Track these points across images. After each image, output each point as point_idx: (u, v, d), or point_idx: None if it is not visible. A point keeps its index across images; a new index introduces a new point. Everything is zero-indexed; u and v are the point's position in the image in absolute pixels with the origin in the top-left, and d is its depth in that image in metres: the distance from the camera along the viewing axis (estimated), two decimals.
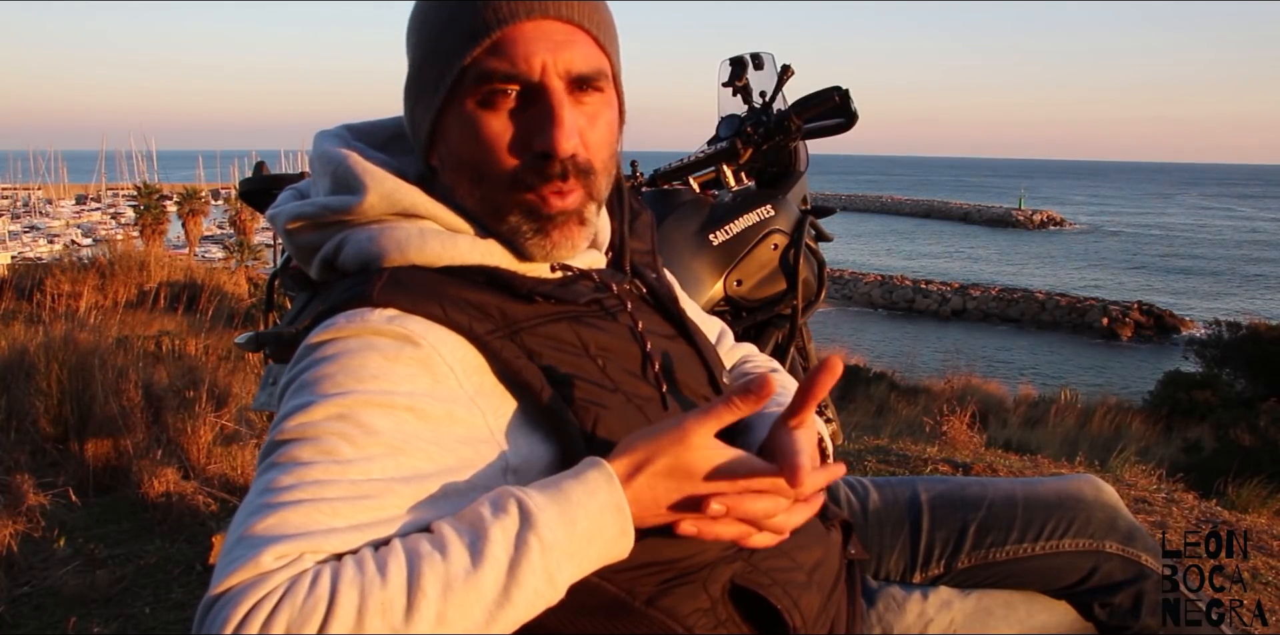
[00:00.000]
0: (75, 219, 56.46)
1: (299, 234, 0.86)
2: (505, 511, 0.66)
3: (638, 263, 0.98)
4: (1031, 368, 21.92)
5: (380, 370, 0.72)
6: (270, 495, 0.65)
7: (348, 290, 0.79)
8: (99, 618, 2.14)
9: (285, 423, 0.69)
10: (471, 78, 0.80)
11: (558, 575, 0.66)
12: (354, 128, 0.94)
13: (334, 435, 0.68)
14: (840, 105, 1.84)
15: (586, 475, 0.70)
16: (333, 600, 0.59)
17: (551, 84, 0.80)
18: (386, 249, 0.81)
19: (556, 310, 0.83)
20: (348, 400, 0.70)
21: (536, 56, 0.79)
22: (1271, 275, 39.68)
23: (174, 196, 40.39)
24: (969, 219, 64.67)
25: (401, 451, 0.69)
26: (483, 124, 0.81)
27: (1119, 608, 1.05)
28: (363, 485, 0.66)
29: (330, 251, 0.84)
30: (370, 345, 0.74)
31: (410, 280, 0.79)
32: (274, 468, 0.67)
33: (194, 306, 6.17)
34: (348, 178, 0.84)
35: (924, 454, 3.73)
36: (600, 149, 0.84)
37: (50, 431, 3.10)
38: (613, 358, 0.83)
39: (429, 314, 0.77)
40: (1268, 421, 6.78)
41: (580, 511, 0.68)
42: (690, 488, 0.71)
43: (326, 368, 0.73)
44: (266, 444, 0.70)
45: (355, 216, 0.83)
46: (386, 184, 0.83)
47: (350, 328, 0.75)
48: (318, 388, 0.71)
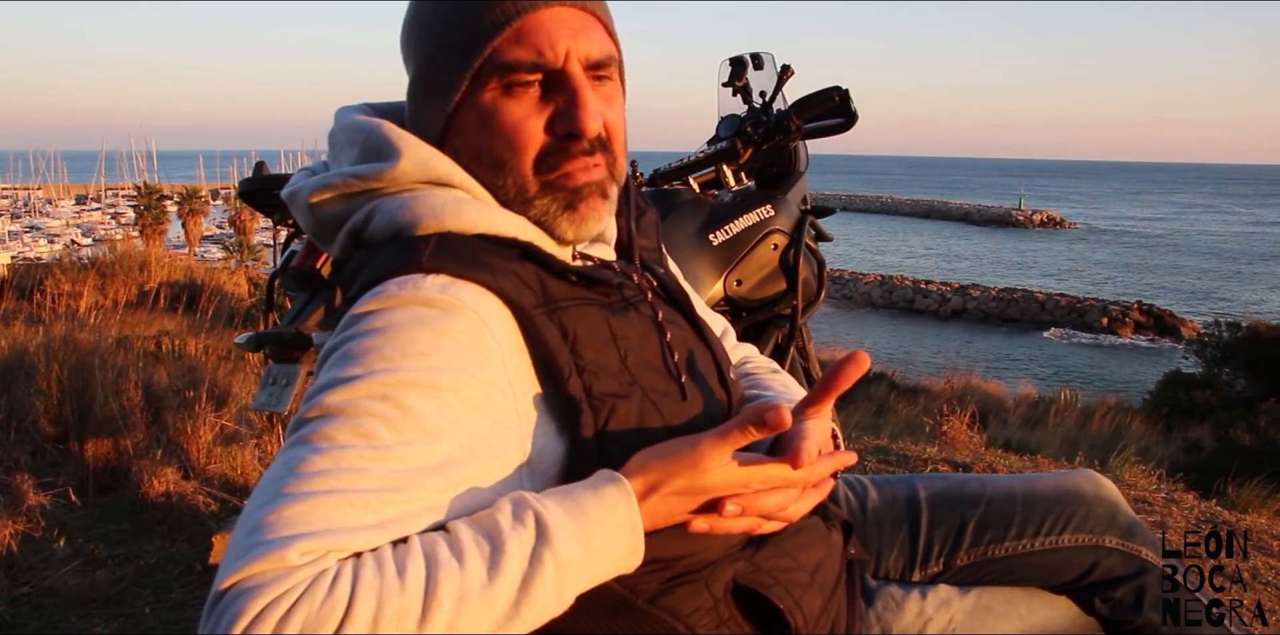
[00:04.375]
0: (75, 219, 56.43)
1: (323, 207, 0.84)
2: (523, 524, 0.65)
3: (646, 259, 0.99)
4: (1031, 367, 21.92)
5: (429, 346, 0.70)
6: (300, 480, 0.63)
7: (395, 256, 0.76)
8: (99, 618, 2.14)
9: (324, 395, 0.67)
10: (491, 69, 0.80)
11: (567, 590, 0.66)
12: (375, 105, 0.93)
13: (375, 417, 0.66)
14: (840, 105, 1.84)
15: (605, 491, 0.70)
16: (351, 603, 0.58)
17: (573, 70, 0.80)
18: (421, 216, 0.79)
19: (588, 294, 0.82)
20: (393, 379, 0.68)
21: (560, 43, 0.79)
22: (1272, 275, 39.66)
23: (174, 196, 40.41)
24: (969, 219, 64.69)
25: (438, 437, 0.68)
26: (505, 113, 0.80)
27: (1120, 602, 1.05)
28: (396, 476, 0.65)
29: (359, 222, 0.82)
30: (420, 318, 0.72)
31: (458, 246, 0.77)
32: (307, 446, 0.65)
33: (194, 306, 6.17)
34: (381, 144, 0.82)
35: (924, 454, 3.74)
36: (619, 130, 0.85)
37: (50, 431, 3.10)
38: (633, 350, 0.83)
39: (481, 281, 0.75)
40: (1268, 421, 6.78)
41: (596, 529, 0.68)
42: (704, 500, 0.73)
43: (374, 340, 0.70)
44: (299, 415, 0.68)
45: (386, 184, 0.81)
46: (422, 151, 0.81)
47: (401, 296, 0.73)
48: (363, 362, 0.69)
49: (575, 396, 0.77)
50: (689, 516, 0.73)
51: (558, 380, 0.77)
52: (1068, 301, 29.55)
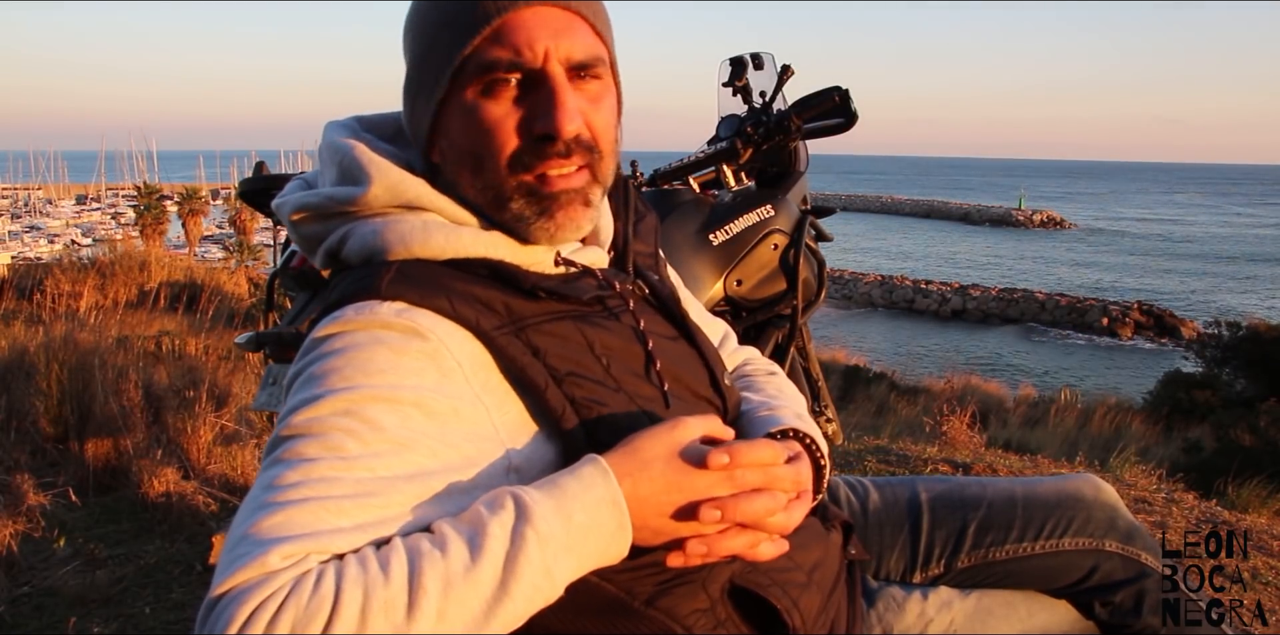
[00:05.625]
0: (75, 219, 56.43)
1: (304, 224, 0.86)
2: (502, 507, 0.66)
3: (640, 265, 0.98)
4: (1031, 367, 21.92)
5: (388, 364, 0.72)
6: (276, 492, 0.64)
7: (355, 283, 0.79)
8: (99, 618, 2.14)
9: (292, 417, 0.69)
10: (472, 68, 0.80)
11: (555, 569, 0.66)
12: (364, 119, 0.94)
13: (340, 431, 0.68)
14: (840, 105, 1.84)
15: (582, 471, 0.71)
16: (337, 600, 0.59)
17: (552, 70, 0.80)
18: (390, 242, 0.81)
19: (561, 308, 0.83)
20: (354, 395, 0.70)
21: (539, 43, 0.79)
22: (1272, 275, 39.67)
23: (174, 196, 40.39)
24: (969, 219, 64.69)
25: (407, 448, 0.69)
26: (484, 112, 0.81)
27: (1120, 606, 1.05)
28: (368, 483, 0.66)
29: (334, 243, 0.84)
30: (378, 339, 0.74)
31: (417, 274, 0.79)
32: (280, 463, 0.67)
33: (194, 306, 6.17)
34: (353, 169, 0.83)
35: (924, 454, 3.74)
36: (606, 131, 0.85)
37: (50, 431, 3.10)
38: (616, 357, 0.83)
39: (437, 308, 0.77)
40: (1268, 421, 6.78)
41: (576, 505, 0.68)
42: (685, 481, 0.72)
43: (334, 361, 0.73)
44: (272, 438, 0.70)
45: (359, 208, 0.83)
46: (391, 176, 0.82)
47: (358, 320, 0.75)
48: (325, 382, 0.71)
49: (558, 405, 0.78)
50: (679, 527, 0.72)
51: (535, 391, 0.78)
52: (1068, 301, 29.56)
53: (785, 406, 0.96)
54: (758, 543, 0.75)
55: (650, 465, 0.72)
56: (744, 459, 0.73)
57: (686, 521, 0.72)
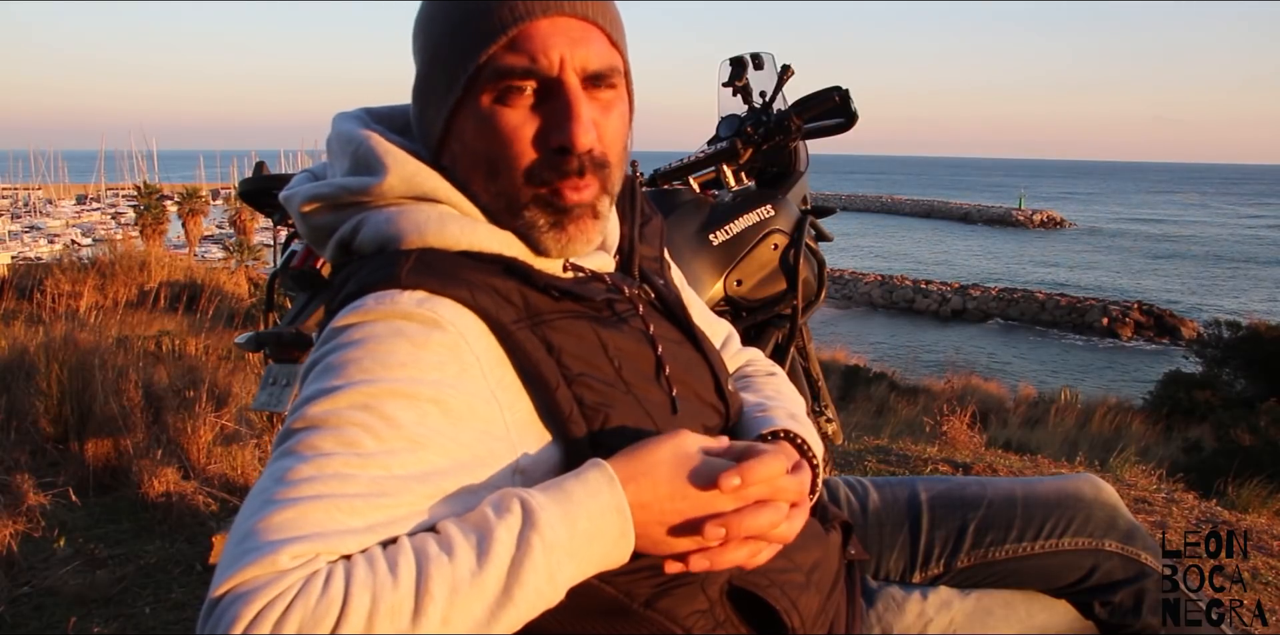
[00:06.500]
0: (75, 219, 56.38)
1: (315, 215, 0.85)
2: (509, 511, 0.66)
3: (646, 269, 0.98)
4: (1031, 367, 21.92)
5: (408, 357, 0.72)
6: (288, 486, 0.64)
7: (374, 271, 0.78)
8: (99, 618, 2.14)
9: (307, 407, 0.69)
10: (488, 74, 0.80)
11: (558, 574, 0.66)
12: (374, 111, 0.93)
13: (356, 426, 0.67)
14: (840, 105, 1.84)
15: (588, 476, 0.71)
16: (345, 602, 0.59)
17: (568, 79, 0.80)
18: (405, 231, 0.80)
19: (576, 307, 0.83)
20: (373, 389, 0.69)
21: (555, 51, 0.79)
22: (1272, 276, 39.67)
23: (174, 196, 40.37)
24: (969, 219, 64.64)
25: (422, 446, 0.69)
26: (500, 119, 0.80)
27: (1120, 606, 1.05)
28: (382, 482, 0.66)
29: (347, 233, 0.83)
30: (398, 331, 0.73)
31: (437, 262, 0.78)
32: (292, 455, 0.66)
33: (194, 306, 6.18)
34: (369, 158, 0.83)
35: (924, 454, 3.74)
36: (615, 142, 0.85)
37: (50, 431, 3.10)
38: (628, 360, 0.83)
39: (457, 297, 0.76)
40: (1268, 421, 6.78)
41: (581, 511, 0.68)
42: (690, 491, 0.72)
43: (353, 352, 0.72)
44: (285, 428, 0.69)
45: (373, 198, 0.82)
46: (408, 166, 0.82)
47: (379, 310, 0.74)
48: (343, 373, 0.70)
49: (566, 406, 0.77)
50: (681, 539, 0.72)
51: (546, 390, 0.77)
52: (1068, 301, 29.54)
53: (780, 407, 0.96)
54: (759, 552, 0.75)
55: (654, 471, 0.71)
56: (753, 478, 0.72)
57: (690, 536, 0.72)
